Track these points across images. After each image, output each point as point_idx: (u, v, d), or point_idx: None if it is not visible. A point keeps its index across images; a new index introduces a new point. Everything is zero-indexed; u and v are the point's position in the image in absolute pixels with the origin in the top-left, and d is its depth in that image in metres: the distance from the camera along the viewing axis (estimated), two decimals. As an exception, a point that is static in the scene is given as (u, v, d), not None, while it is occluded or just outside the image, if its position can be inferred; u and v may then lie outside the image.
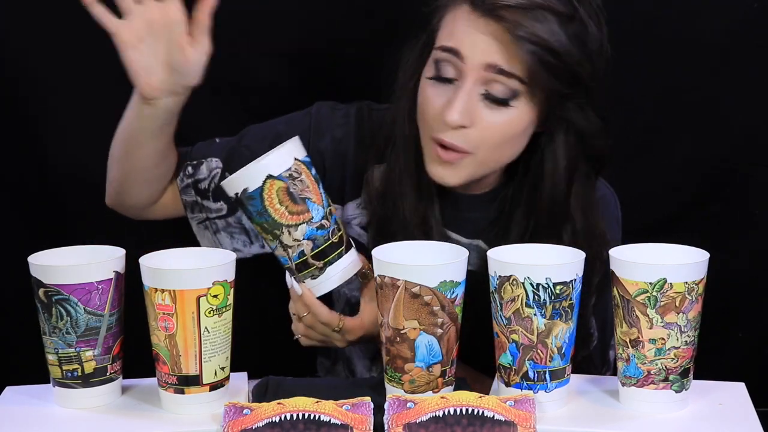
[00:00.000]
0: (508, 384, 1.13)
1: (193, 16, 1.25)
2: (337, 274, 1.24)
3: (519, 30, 1.21)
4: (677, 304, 1.09)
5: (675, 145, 1.70)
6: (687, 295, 1.09)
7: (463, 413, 1.05)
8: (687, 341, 1.11)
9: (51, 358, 1.13)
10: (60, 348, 1.12)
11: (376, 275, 1.13)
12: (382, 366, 1.16)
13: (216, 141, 1.44)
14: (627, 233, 1.44)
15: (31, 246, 1.16)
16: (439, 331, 1.12)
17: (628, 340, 1.12)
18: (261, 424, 1.05)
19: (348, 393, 1.11)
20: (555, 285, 1.09)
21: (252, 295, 1.48)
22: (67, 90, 1.64)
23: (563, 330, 1.11)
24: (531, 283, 1.09)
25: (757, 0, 1.63)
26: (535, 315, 1.09)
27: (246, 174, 1.20)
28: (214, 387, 1.12)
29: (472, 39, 1.25)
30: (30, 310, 1.15)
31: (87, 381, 1.13)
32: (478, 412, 1.05)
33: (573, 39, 1.24)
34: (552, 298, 1.09)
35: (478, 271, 1.24)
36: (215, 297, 1.10)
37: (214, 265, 1.10)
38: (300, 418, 1.05)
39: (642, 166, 1.71)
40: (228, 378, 1.14)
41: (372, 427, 1.05)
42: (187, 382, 1.11)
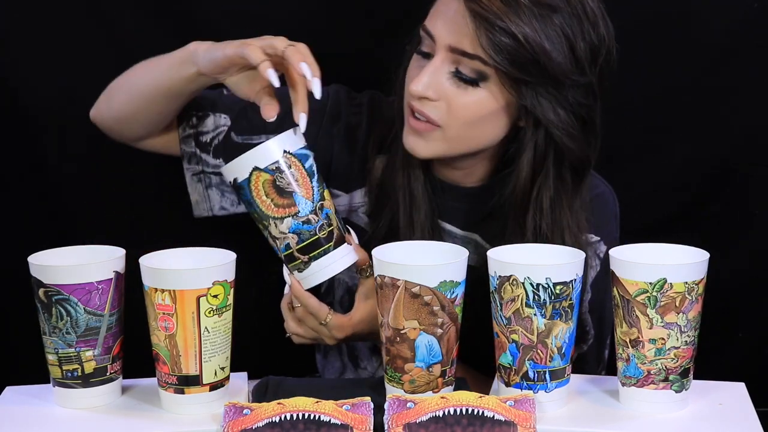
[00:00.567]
0: (508, 384, 1.13)
1: None
2: (323, 270, 1.24)
3: (489, 13, 1.22)
4: (677, 304, 1.09)
5: (675, 145, 1.70)
6: (687, 295, 1.09)
7: (463, 413, 1.05)
8: (687, 341, 1.11)
9: (51, 358, 1.13)
10: (60, 348, 1.12)
11: (375, 275, 1.13)
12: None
13: (224, 93, 1.41)
14: (627, 233, 1.44)
15: (31, 246, 1.16)
16: (439, 331, 1.12)
17: (628, 340, 1.12)
18: (261, 424, 1.05)
19: (348, 393, 1.11)
20: (555, 285, 1.09)
21: (252, 295, 1.48)
22: (67, 90, 1.64)
23: (563, 330, 1.11)
24: (531, 283, 1.09)
25: (757, 0, 1.63)
26: (535, 315, 1.09)
27: (236, 164, 1.21)
28: (214, 387, 1.12)
29: (442, 21, 1.27)
30: (30, 310, 1.15)
31: (87, 381, 1.13)
32: (478, 412, 1.05)
33: (542, 31, 1.23)
34: (552, 298, 1.09)
35: (476, 267, 1.24)
36: (215, 297, 1.10)
37: (214, 265, 1.10)
38: (300, 418, 1.05)
39: (642, 166, 1.71)
40: (228, 378, 1.14)
41: (372, 427, 1.05)
42: (187, 382, 1.11)
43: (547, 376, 1.11)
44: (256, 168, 1.20)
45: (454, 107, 1.28)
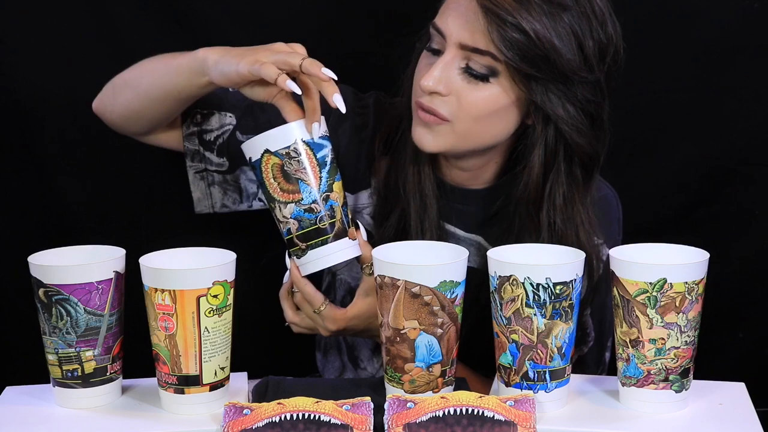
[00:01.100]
0: (508, 384, 1.13)
1: None
2: (319, 259, 1.24)
3: (500, 10, 1.23)
4: (677, 304, 1.09)
5: (675, 146, 1.70)
6: (687, 295, 1.09)
7: (463, 413, 1.05)
8: (687, 341, 1.11)
9: (51, 358, 1.13)
10: (60, 348, 1.12)
11: (375, 275, 1.13)
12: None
13: (230, 90, 1.40)
14: (627, 233, 1.44)
15: (31, 246, 1.16)
16: (439, 331, 1.12)
17: (628, 340, 1.12)
18: (261, 424, 1.05)
19: (348, 393, 1.11)
20: (555, 285, 1.09)
21: (252, 295, 1.48)
22: (68, 90, 1.64)
23: (563, 330, 1.11)
24: (531, 283, 1.09)
25: (758, 0, 1.63)
26: (535, 315, 1.09)
27: (250, 144, 1.24)
28: (214, 387, 1.12)
29: (453, 17, 1.27)
30: (30, 310, 1.15)
31: (87, 381, 1.13)
32: (478, 412, 1.05)
33: (552, 28, 1.24)
34: (552, 298, 1.09)
35: (478, 269, 1.24)
36: (215, 297, 1.10)
37: (214, 265, 1.10)
38: (300, 418, 1.05)
39: (642, 166, 1.71)
40: (228, 378, 1.14)
41: (372, 427, 1.05)
42: (187, 382, 1.11)
43: (547, 376, 1.11)
44: (267, 150, 1.22)
45: (464, 102, 1.28)
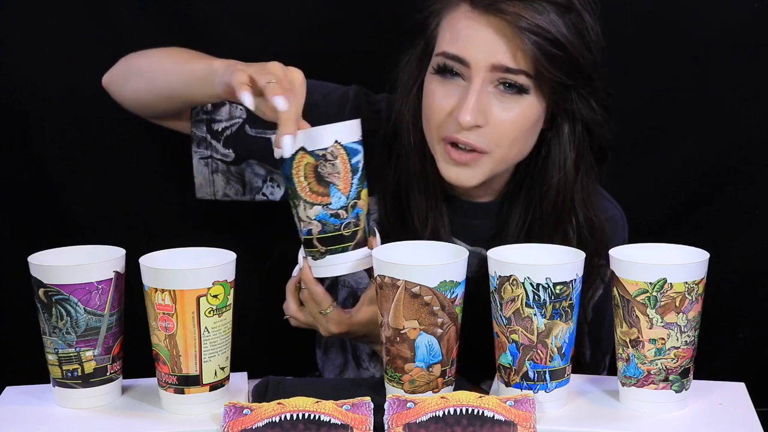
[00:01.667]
0: (508, 384, 1.13)
1: None
2: (335, 265, 1.23)
3: (521, 22, 1.22)
4: (677, 304, 1.09)
5: (675, 145, 1.70)
6: (687, 295, 1.09)
7: (463, 413, 1.05)
8: (687, 341, 1.11)
9: (51, 358, 1.13)
10: (60, 348, 1.12)
11: (375, 275, 1.13)
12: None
13: None
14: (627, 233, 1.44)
15: (31, 246, 1.16)
16: (439, 331, 1.12)
17: (628, 340, 1.12)
18: (261, 424, 1.05)
19: (348, 393, 1.11)
20: (555, 285, 1.09)
21: (252, 295, 1.48)
22: (68, 90, 1.65)
23: (563, 330, 1.11)
24: (531, 283, 1.09)
25: (758, 0, 1.63)
26: (535, 315, 1.09)
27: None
28: (214, 387, 1.12)
29: (474, 42, 1.25)
30: (30, 310, 1.15)
31: (87, 381, 1.13)
32: (478, 412, 1.05)
33: (572, 29, 1.25)
34: (552, 298, 1.09)
35: (480, 279, 1.24)
36: (215, 297, 1.10)
37: (214, 265, 1.10)
38: (300, 418, 1.05)
39: (642, 166, 1.71)
40: (228, 378, 1.14)
41: (372, 427, 1.05)
42: (187, 382, 1.11)
43: (547, 376, 1.11)
44: (303, 149, 1.19)
45: (499, 128, 1.27)
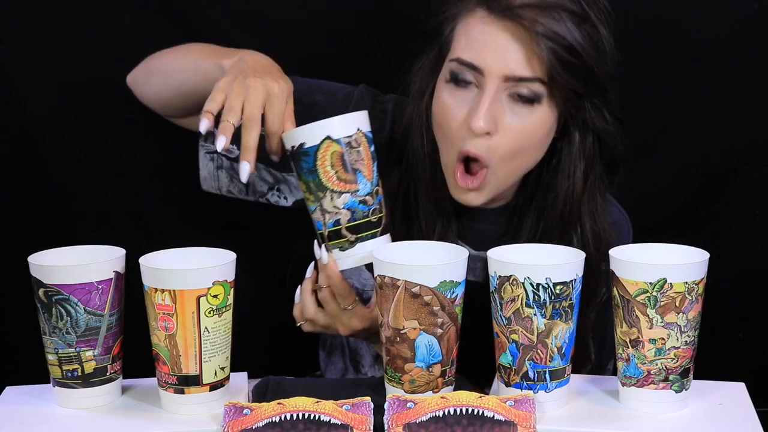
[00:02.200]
0: (508, 384, 1.13)
1: None
2: (367, 252, 1.21)
3: (537, 27, 1.22)
4: (677, 304, 1.09)
5: (675, 146, 1.70)
6: (687, 295, 1.09)
7: (463, 413, 1.05)
8: (687, 341, 1.11)
9: (51, 358, 1.13)
10: (60, 348, 1.12)
11: (375, 275, 1.13)
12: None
13: None
14: (627, 233, 1.44)
15: (31, 246, 1.16)
16: (439, 331, 1.12)
17: (628, 340, 1.12)
18: (261, 424, 1.05)
19: (348, 393, 1.11)
20: (555, 285, 1.09)
21: (252, 295, 1.48)
22: (68, 90, 1.64)
23: (563, 330, 1.11)
24: (531, 283, 1.09)
25: (758, 0, 1.63)
26: (535, 315, 1.09)
27: (307, 129, 1.20)
28: (214, 387, 1.12)
29: (489, 49, 1.25)
30: (30, 310, 1.15)
31: (87, 381, 1.13)
32: (478, 412, 1.05)
33: (587, 38, 1.25)
34: (552, 298, 1.09)
35: (484, 283, 1.24)
36: (215, 297, 1.10)
37: (214, 265, 1.10)
38: (300, 418, 1.05)
39: (642, 167, 1.71)
40: (228, 378, 1.14)
41: (372, 427, 1.05)
42: (187, 382, 1.11)
43: (547, 376, 1.11)
44: (329, 137, 1.18)
45: (512, 135, 1.26)
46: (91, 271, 1.11)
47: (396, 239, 1.27)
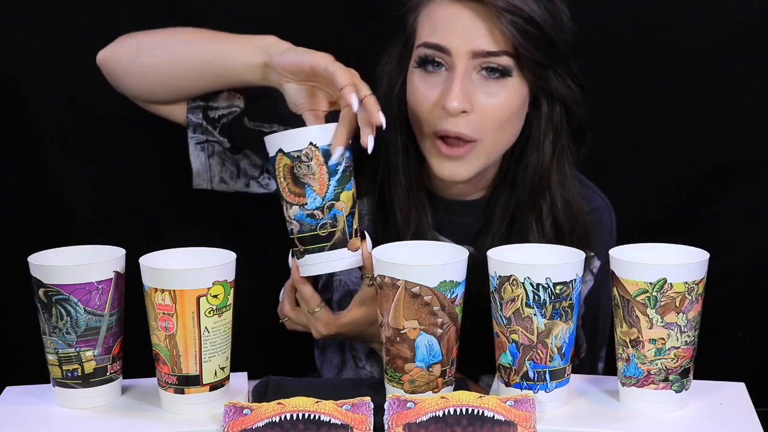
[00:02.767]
0: (508, 384, 1.13)
1: None
2: (313, 265, 1.25)
3: (498, 2, 1.23)
4: (677, 304, 1.09)
5: (675, 146, 1.70)
6: (687, 295, 1.09)
7: (463, 413, 1.05)
8: (687, 341, 1.11)
9: (51, 358, 1.13)
10: (60, 348, 1.12)
11: (375, 275, 1.13)
12: (380, 356, 1.16)
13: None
14: (627, 233, 1.43)
15: (31, 246, 1.16)
16: (439, 331, 1.12)
17: (628, 340, 1.12)
18: (261, 424, 1.05)
19: (348, 393, 1.11)
20: (555, 285, 1.09)
21: (252, 295, 1.48)
22: (67, 90, 1.64)
23: (563, 330, 1.11)
24: (531, 283, 1.09)
25: (758, 0, 1.63)
26: (535, 315, 1.09)
27: (268, 140, 1.25)
28: (214, 387, 1.12)
29: (453, 29, 1.26)
30: (30, 310, 1.15)
31: (87, 381, 1.13)
32: (478, 412, 1.05)
33: (545, 10, 1.26)
34: (552, 298, 1.09)
35: (468, 277, 1.24)
36: (215, 297, 1.10)
37: (214, 265, 1.10)
38: (300, 418, 1.05)
39: (642, 166, 1.71)
40: (228, 378, 1.14)
41: (372, 427, 1.05)
42: (187, 382, 1.11)
43: (547, 376, 1.11)
44: (281, 150, 1.23)
45: (486, 113, 1.27)
46: (91, 271, 1.11)
47: (373, 234, 1.29)
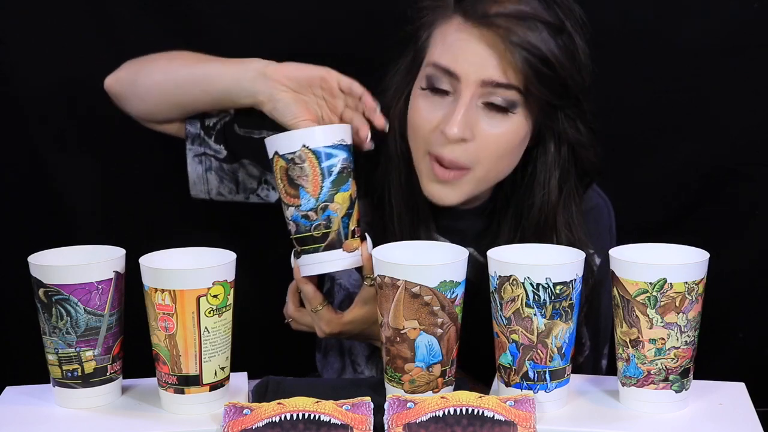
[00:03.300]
0: (508, 384, 1.13)
1: None
2: (309, 265, 1.26)
3: (512, 36, 1.22)
4: (677, 304, 1.09)
5: (675, 146, 1.70)
6: (687, 295, 1.09)
7: (463, 413, 1.05)
8: (687, 341, 1.11)
9: (51, 358, 1.13)
10: (60, 348, 1.12)
11: (375, 275, 1.13)
12: (379, 361, 1.16)
13: None
14: (627, 233, 1.44)
15: (31, 246, 1.16)
16: (439, 331, 1.12)
17: (628, 340, 1.12)
18: (261, 424, 1.05)
19: (348, 393, 1.12)
20: (555, 285, 1.09)
21: (252, 295, 1.48)
22: (67, 90, 1.64)
23: (563, 330, 1.11)
24: (531, 283, 1.09)
25: (757, 0, 1.63)
26: (535, 315, 1.09)
27: (267, 143, 1.27)
28: (214, 387, 1.12)
29: (465, 55, 1.25)
30: (30, 310, 1.15)
31: (87, 381, 1.13)
32: (478, 412, 1.05)
33: (563, 50, 1.25)
34: (552, 298, 1.09)
35: (469, 279, 1.24)
36: (215, 297, 1.10)
37: (214, 265, 1.10)
38: (300, 418, 1.05)
39: (642, 166, 1.71)
40: (228, 378, 1.14)
41: (372, 427, 1.05)
42: (187, 382, 1.11)
43: (547, 376, 1.11)
44: (276, 153, 1.25)
45: (485, 143, 1.27)
46: (91, 271, 1.11)
47: (375, 238, 1.29)
